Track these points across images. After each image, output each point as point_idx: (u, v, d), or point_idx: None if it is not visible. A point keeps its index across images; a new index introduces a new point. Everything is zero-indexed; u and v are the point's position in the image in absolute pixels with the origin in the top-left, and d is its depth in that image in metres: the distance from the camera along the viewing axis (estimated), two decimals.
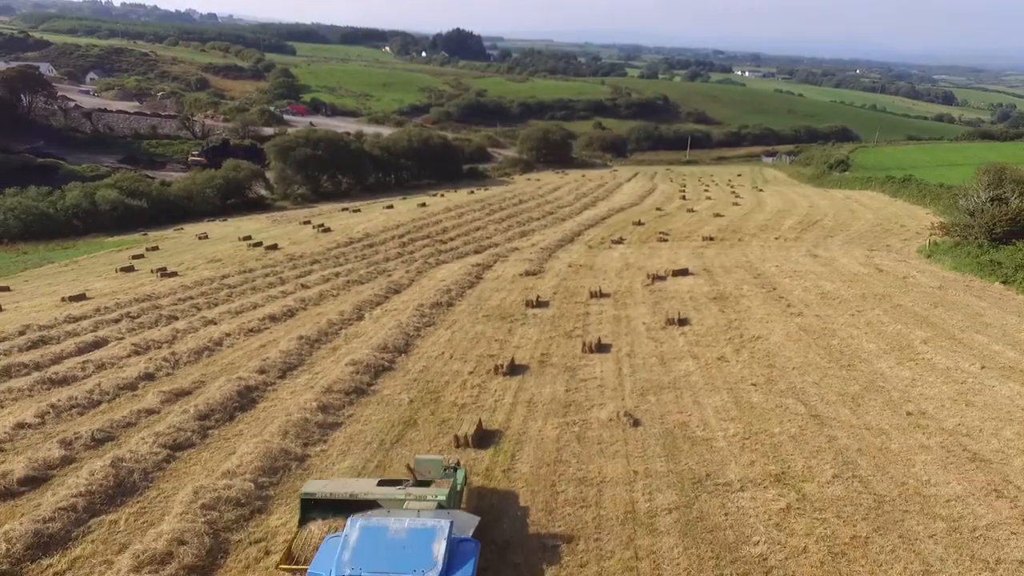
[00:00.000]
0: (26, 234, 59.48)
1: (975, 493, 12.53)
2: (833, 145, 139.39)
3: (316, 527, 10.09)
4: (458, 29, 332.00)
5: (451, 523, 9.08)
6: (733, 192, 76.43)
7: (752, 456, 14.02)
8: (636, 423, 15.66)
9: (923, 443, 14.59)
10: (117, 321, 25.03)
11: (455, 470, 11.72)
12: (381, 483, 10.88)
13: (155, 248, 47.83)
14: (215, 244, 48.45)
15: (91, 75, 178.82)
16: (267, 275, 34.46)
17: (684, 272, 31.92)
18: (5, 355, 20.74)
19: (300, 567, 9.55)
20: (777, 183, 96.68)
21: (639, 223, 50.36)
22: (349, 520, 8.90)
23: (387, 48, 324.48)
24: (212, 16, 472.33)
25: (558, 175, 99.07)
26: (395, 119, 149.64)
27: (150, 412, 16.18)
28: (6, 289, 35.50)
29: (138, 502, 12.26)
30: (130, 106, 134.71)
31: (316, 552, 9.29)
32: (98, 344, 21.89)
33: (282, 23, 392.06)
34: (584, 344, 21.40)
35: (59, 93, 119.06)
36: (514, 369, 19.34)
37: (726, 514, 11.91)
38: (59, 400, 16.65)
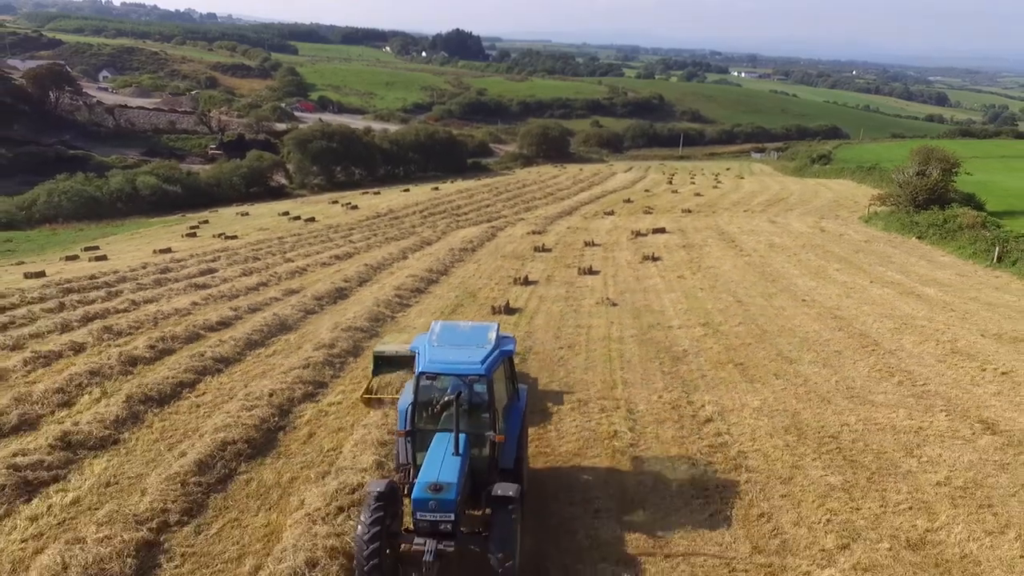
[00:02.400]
0: (78, 215, 65.59)
1: (827, 329, 19.70)
2: (819, 141, 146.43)
3: (384, 375, 15.84)
4: (458, 30, 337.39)
5: (498, 325, 15.60)
6: (717, 180, 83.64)
7: (689, 317, 21.15)
8: (614, 304, 22.79)
9: (806, 312, 21.74)
10: (214, 260, 32.03)
11: None
12: None
13: (205, 222, 54.62)
14: (257, 219, 55.27)
15: (104, 73, 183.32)
16: (316, 236, 41.43)
17: (662, 231, 39.06)
18: (147, 275, 27.72)
19: (377, 397, 14.65)
20: (762, 175, 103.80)
21: (628, 200, 57.58)
22: (432, 322, 11.71)
23: (387, 48, 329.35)
24: (212, 16, 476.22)
25: (557, 168, 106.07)
26: (400, 116, 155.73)
27: (276, 299, 23.23)
28: (96, 247, 42.35)
29: (298, 331, 19.38)
30: (148, 102, 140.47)
31: (415, 339, 11.75)
32: (211, 270, 28.89)
33: (282, 23, 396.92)
34: (579, 269, 28.54)
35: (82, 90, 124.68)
36: (528, 282, 26.44)
37: (666, 336, 19.06)
38: (209, 293, 23.73)
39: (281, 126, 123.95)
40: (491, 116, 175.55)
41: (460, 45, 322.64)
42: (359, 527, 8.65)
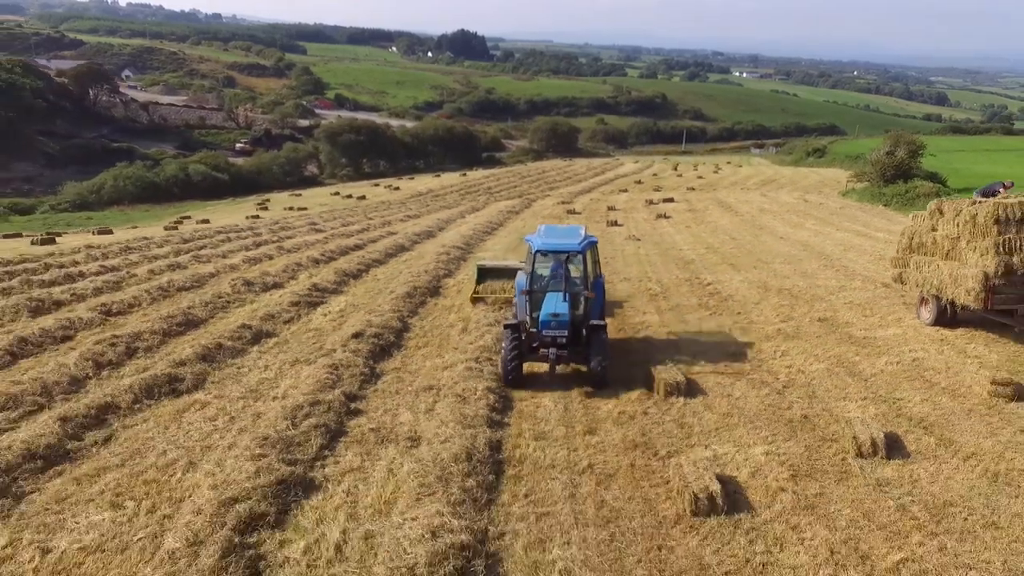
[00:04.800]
0: (140, 198, 72.36)
1: (795, 250, 27.30)
2: (815, 137, 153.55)
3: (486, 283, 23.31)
4: (463, 30, 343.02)
5: (585, 227, 22.61)
6: (717, 168, 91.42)
7: (696, 245, 28.74)
8: (638, 240, 30.40)
9: (782, 243, 29.35)
10: (311, 219, 39.50)
11: None
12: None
13: (267, 200, 61.83)
14: (312, 198, 62.53)
15: (126, 72, 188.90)
16: (377, 207, 49.00)
17: (671, 200, 46.70)
18: (268, 226, 35.19)
19: (482, 297, 21.72)
20: (759, 166, 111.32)
21: (639, 182, 65.36)
22: (539, 225, 17.19)
23: (393, 48, 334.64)
24: (217, 16, 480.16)
25: (567, 161, 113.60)
26: (413, 114, 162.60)
27: (383, 236, 30.76)
28: (189, 216, 49.69)
29: (414, 251, 26.99)
30: (177, 100, 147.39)
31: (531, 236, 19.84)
32: (315, 223, 36.40)
33: (287, 23, 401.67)
34: (607, 222, 36.15)
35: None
36: None
37: (679, 254, 26.69)
38: (328, 234, 31.25)
39: (304, 122, 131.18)
40: (500, 114, 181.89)
41: (465, 45, 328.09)
42: (503, 351, 12.61)
